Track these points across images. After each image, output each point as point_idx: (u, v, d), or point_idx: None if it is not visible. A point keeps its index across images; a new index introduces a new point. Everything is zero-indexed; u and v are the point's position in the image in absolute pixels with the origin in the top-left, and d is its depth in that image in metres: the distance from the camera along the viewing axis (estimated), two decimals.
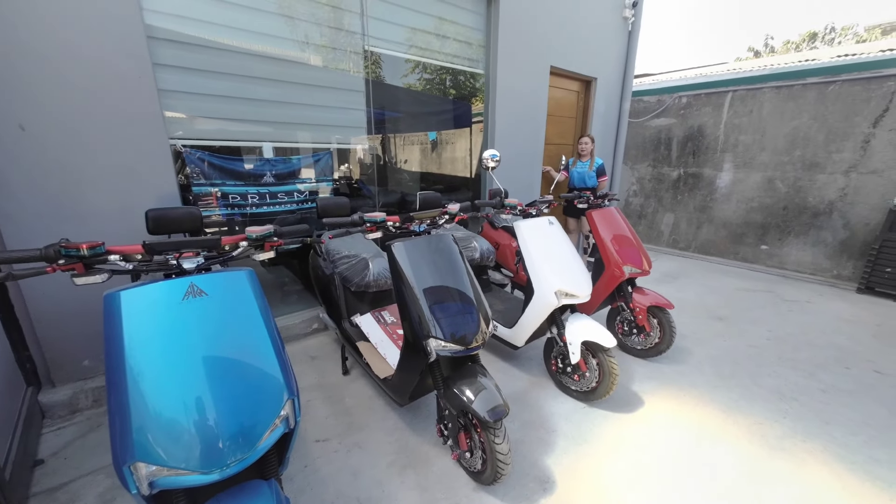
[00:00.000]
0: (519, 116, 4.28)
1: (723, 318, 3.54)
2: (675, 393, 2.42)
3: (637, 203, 6.42)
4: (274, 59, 2.79)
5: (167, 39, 2.32)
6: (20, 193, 1.92)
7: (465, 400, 1.55)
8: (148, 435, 0.93)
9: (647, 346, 2.71)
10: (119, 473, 0.93)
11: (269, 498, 1.06)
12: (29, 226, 1.95)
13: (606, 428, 2.10)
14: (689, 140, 5.65)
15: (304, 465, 1.83)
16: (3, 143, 1.85)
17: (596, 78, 5.09)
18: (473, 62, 4.01)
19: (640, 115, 6.10)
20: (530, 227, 2.29)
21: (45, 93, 1.92)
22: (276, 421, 1.09)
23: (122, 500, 1.62)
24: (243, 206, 2.87)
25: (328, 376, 2.55)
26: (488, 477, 1.62)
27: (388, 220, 1.72)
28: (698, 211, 5.71)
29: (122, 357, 0.96)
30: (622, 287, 2.69)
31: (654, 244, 6.21)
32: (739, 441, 2.02)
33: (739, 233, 5.32)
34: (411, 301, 1.60)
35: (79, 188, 2.07)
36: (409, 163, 4.99)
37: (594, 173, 4.18)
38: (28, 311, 2.03)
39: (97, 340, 2.19)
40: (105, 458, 1.83)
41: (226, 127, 2.72)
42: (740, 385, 2.51)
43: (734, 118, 5.19)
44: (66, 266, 1.01)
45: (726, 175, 5.36)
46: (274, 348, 1.15)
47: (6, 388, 1.80)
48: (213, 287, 1.10)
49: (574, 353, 2.14)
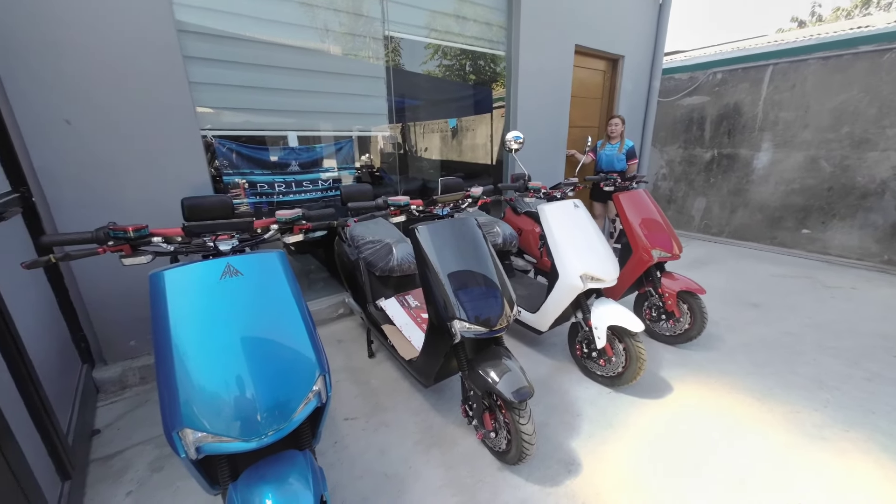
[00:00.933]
0: (542, 99, 4.17)
1: (757, 304, 3.39)
2: (706, 380, 2.35)
3: (666, 187, 6.18)
4: (297, 49, 2.82)
5: (196, 32, 2.39)
6: (68, 184, 2.05)
7: (489, 381, 1.57)
8: (193, 405, 0.99)
9: (677, 333, 2.64)
10: (169, 439, 1.00)
11: (305, 467, 1.12)
12: (76, 214, 2.08)
13: (633, 413, 2.07)
14: (724, 119, 5.35)
15: (334, 441, 1.91)
16: (51, 138, 1.97)
17: (623, 56, 4.88)
18: (495, 44, 3.92)
19: (670, 94, 5.81)
20: (555, 210, 2.25)
21: (87, 89, 2.02)
22: (309, 395, 1.14)
23: (170, 469, 1.74)
24: (270, 195, 2.95)
25: (354, 359, 2.63)
26: (513, 457, 1.64)
27: (412, 203, 1.74)
28: (732, 194, 5.43)
29: (168, 332, 1.02)
30: (650, 272, 2.62)
31: (683, 230, 5.98)
32: (774, 429, 1.95)
33: (777, 216, 5.04)
34: (435, 283, 1.61)
35: (118, 179, 2.18)
36: (429, 150, 4.98)
37: (624, 156, 4.02)
38: (81, 294, 2.18)
39: (141, 323, 2.34)
40: (153, 431, 1.97)
41: (252, 117, 2.80)
42: (776, 373, 2.41)
43: (774, 94, 4.87)
44: (115, 247, 1.08)
45: (764, 155, 5.06)
46: (305, 326, 1.20)
47: (65, 364, 1.95)
48: (248, 267, 1.15)
49: (600, 337, 2.11)
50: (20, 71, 1.87)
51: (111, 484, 1.67)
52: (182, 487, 1.64)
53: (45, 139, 1.96)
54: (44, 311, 1.87)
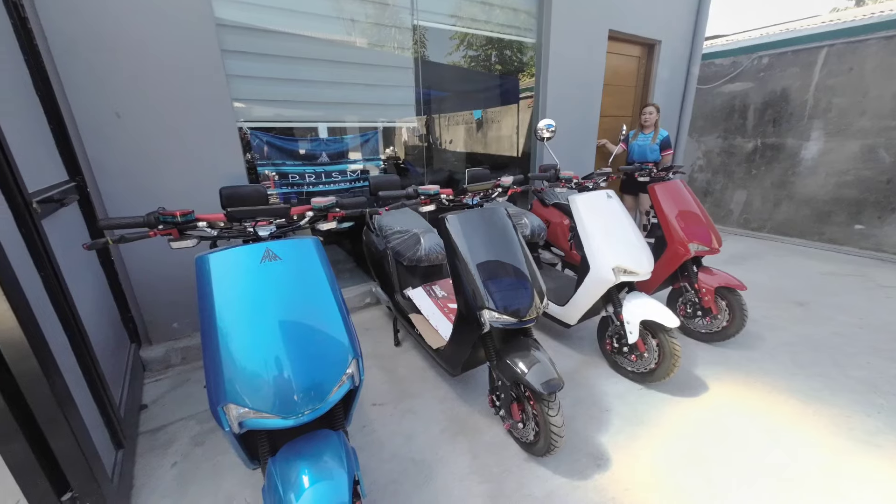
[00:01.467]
0: (572, 87, 4.05)
1: (802, 303, 3.19)
2: (744, 379, 2.24)
3: (703, 179, 5.89)
4: (327, 41, 2.86)
5: (232, 26, 2.46)
6: (117, 174, 2.18)
7: (518, 371, 1.56)
8: (236, 382, 1.04)
9: (713, 330, 2.53)
10: (214, 414, 1.05)
11: (339, 446, 1.15)
12: (123, 202, 2.21)
13: (665, 410, 2.01)
14: (769, 106, 5.02)
15: (362, 425, 1.95)
16: (103, 130, 2.10)
17: (660, 41, 4.66)
18: (524, 31, 3.83)
19: (709, 80, 5.51)
20: (586, 201, 2.19)
21: (134, 83, 2.13)
22: (343, 378, 1.17)
23: (211, 444, 1.84)
24: (300, 185, 3.03)
25: (381, 347, 2.68)
26: (541, 448, 1.63)
27: (442, 192, 1.73)
28: (776, 187, 5.11)
29: (214, 312, 1.07)
30: (686, 266, 2.51)
31: (721, 224, 5.69)
32: (820, 433, 1.84)
33: (826, 211, 4.71)
34: (464, 273, 1.61)
35: (161, 168, 2.29)
36: (454, 142, 4.96)
37: (657, 146, 3.86)
38: (129, 277, 2.32)
39: (182, 307, 2.47)
40: (195, 407, 2.08)
41: (283, 109, 2.87)
42: (823, 374, 2.27)
43: (828, 78, 4.52)
44: (164, 231, 1.14)
45: (814, 145, 4.72)
46: (339, 311, 1.22)
47: (117, 343, 2.09)
48: (286, 252, 1.19)
49: (632, 332, 2.05)
50: (77, 67, 1.98)
51: (158, 455, 1.78)
52: (222, 462, 1.73)
53: (98, 131, 2.09)
54: (98, 292, 2.00)
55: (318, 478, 1.06)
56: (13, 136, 1.29)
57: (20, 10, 1.73)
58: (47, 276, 1.34)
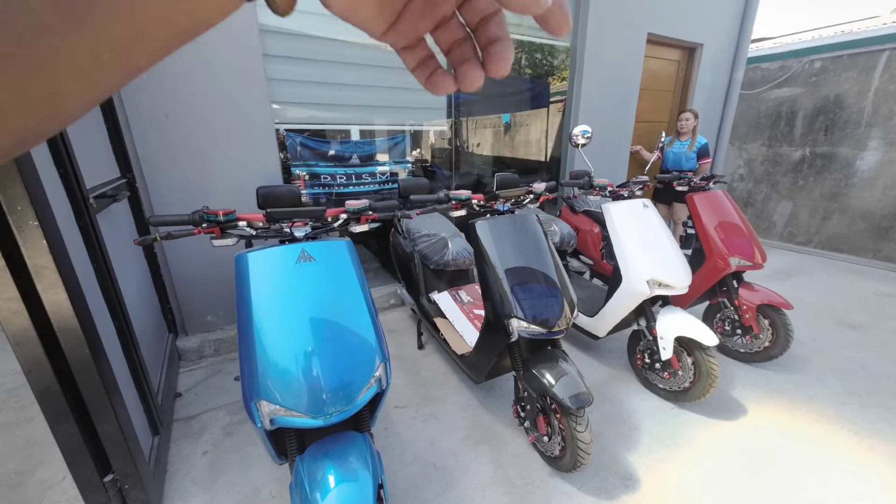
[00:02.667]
0: (607, 92, 3.94)
1: (856, 326, 2.96)
2: (788, 405, 2.10)
3: (743, 189, 5.59)
4: (362, 46, 2.91)
5: (274, 31, 2.55)
6: (164, 172, 2.30)
7: (545, 383, 1.52)
8: (269, 380, 1.07)
9: (754, 350, 2.38)
10: (248, 409, 1.08)
11: (364, 448, 1.16)
12: (169, 199, 2.33)
13: (699, 432, 1.91)
14: (821, 113, 4.71)
15: (384, 427, 1.96)
16: (153, 130, 2.22)
17: (702, 44, 4.46)
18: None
19: (754, 85, 5.23)
20: (621, 209, 2.12)
21: (182, 86, 2.24)
22: (371, 380, 1.17)
23: (240, 436, 1.90)
24: (331, 186, 3.10)
25: (404, 349, 2.69)
26: (566, 464, 1.58)
27: (473, 198, 1.72)
28: (826, 199, 4.79)
29: (251, 309, 1.10)
30: (726, 281, 2.38)
31: (762, 237, 5.38)
32: (876, 469, 1.70)
33: (885, 226, 4.36)
34: (493, 280, 1.59)
35: (204, 168, 2.40)
36: (481, 146, 4.94)
37: (694, 154, 3.69)
38: (170, 271, 2.44)
39: (217, 300, 2.57)
40: (226, 398, 2.16)
41: (318, 112, 2.93)
42: (879, 405, 2.09)
43: (890, 83, 4.19)
44: (208, 229, 1.19)
45: (871, 155, 4.39)
46: (370, 314, 1.23)
47: (157, 333, 2.20)
48: (320, 253, 1.21)
49: (665, 348, 1.96)
50: None
51: (191, 442, 1.86)
52: (250, 453, 1.78)
53: (148, 131, 2.21)
54: (142, 284, 2.11)
55: (343, 478, 1.07)
56: (75, 134, 1.39)
57: None
58: (99, 267, 1.42)
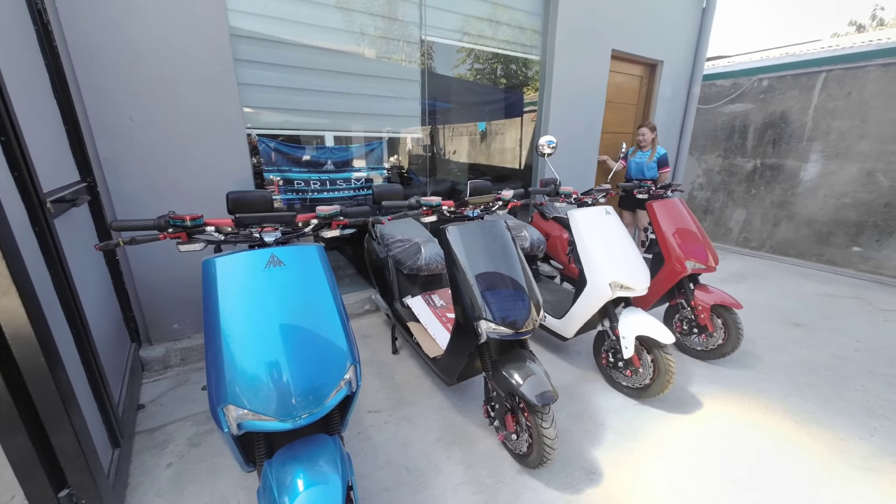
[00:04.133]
0: (575, 104, 4.12)
1: (801, 324, 3.20)
2: (739, 398, 2.25)
3: (703, 197, 5.94)
4: (337, 52, 2.94)
5: (246, 36, 2.54)
6: (128, 175, 2.23)
7: (513, 383, 1.57)
8: (237, 384, 1.06)
9: (709, 348, 2.54)
10: (214, 414, 1.07)
11: (334, 450, 1.17)
12: (133, 203, 2.26)
13: (658, 426, 2.02)
14: (769, 128, 5.09)
15: (357, 431, 1.96)
16: (117, 133, 2.15)
17: (662, 61, 4.75)
18: (528, 48, 3.92)
19: (710, 100, 5.59)
20: (585, 216, 2.23)
21: (149, 88, 2.20)
22: (341, 383, 1.19)
23: (207, 446, 1.85)
24: (305, 192, 3.08)
25: (379, 354, 2.69)
26: (533, 460, 1.64)
27: (444, 204, 1.77)
28: (776, 207, 5.16)
29: (218, 315, 1.10)
30: (683, 283, 2.53)
31: (720, 242, 5.72)
32: (815, 455, 1.85)
33: (826, 232, 4.74)
34: (463, 283, 1.64)
35: (172, 172, 2.34)
36: (457, 153, 5.02)
37: (654, 164, 3.92)
38: (133, 277, 2.36)
39: (184, 307, 2.50)
40: (192, 408, 2.10)
41: (291, 117, 2.93)
42: (819, 396, 2.28)
43: (827, 102, 4.59)
44: (174, 234, 1.18)
45: (813, 167, 4.77)
46: (340, 317, 1.25)
47: (118, 342, 2.12)
48: (290, 258, 1.22)
49: (627, 347, 2.07)
50: (95, 71, 2.05)
51: (154, 455, 1.79)
52: (218, 463, 1.74)
53: (112, 134, 2.14)
54: (103, 291, 2.03)
55: (312, 482, 1.07)
56: (32, 136, 1.34)
57: (43, 16, 1.80)
58: (56, 274, 1.37)
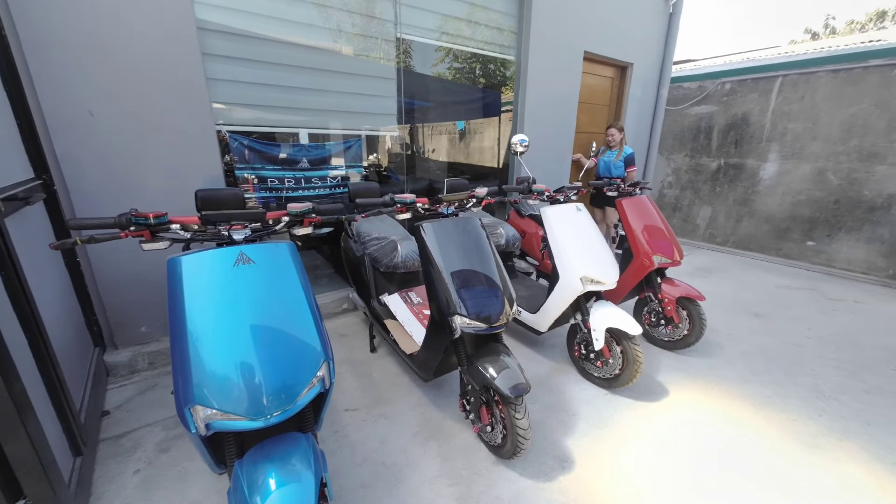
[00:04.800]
0: (549, 104, 4.21)
1: (760, 314, 3.40)
2: (703, 385, 2.37)
3: (672, 195, 6.18)
4: (310, 48, 2.90)
5: (214, 30, 2.47)
6: (89, 173, 2.13)
7: (487, 376, 1.61)
8: (204, 385, 1.05)
9: (675, 338, 2.66)
10: (181, 415, 1.05)
11: (307, 448, 1.17)
12: (95, 202, 2.16)
13: (628, 415, 2.10)
14: (732, 129, 5.35)
15: (335, 430, 1.96)
16: (76, 128, 2.06)
17: (632, 63, 4.91)
18: (505, 49, 3.97)
19: (678, 102, 5.83)
20: (557, 213, 2.29)
21: (110, 82, 2.11)
22: (314, 380, 1.19)
23: (177, 451, 1.80)
24: (280, 190, 3.03)
25: (357, 353, 2.68)
26: (508, 451, 1.68)
27: (418, 201, 1.79)
28: (739, 204, 5.43)
29: (184, 315, 1.08)
30: (651, 277, 2.64)
31: (688, 238, 5.98)
32: (769, 436, 1.97)
33: (783, 227, 5.03)
34: (438, 279, 1.66)
35: (136, 169, 2.26)
36: (436, 152, 5.04)
37: (621, 163, 4.07)
38: (95, 278, 2.26)
39: (152, 309, 2.41)
40: (161, 413, 2.03)
41: (265, 114, 2.87)
42: (775, 382, 2.42)
43: (783, 105, 4.87)
44: (136, 232, 1.14)
45: (771, 166, 5.05)
46: (312, 315, 1.25)
47: (79, 347, 2.03)
48: (260, 256, 1.21)
49: (598, 339, 2.14)
50: (49, 64, 1.95)
51: (120, 462, 1.73)
52: (189, 468, 1.70)
53: (70, 129, 2.04)
54: (62, 294, 1.94)
55: (284, 480, 1.07)
56: None
57: None
58: (8, 275, 1.31)
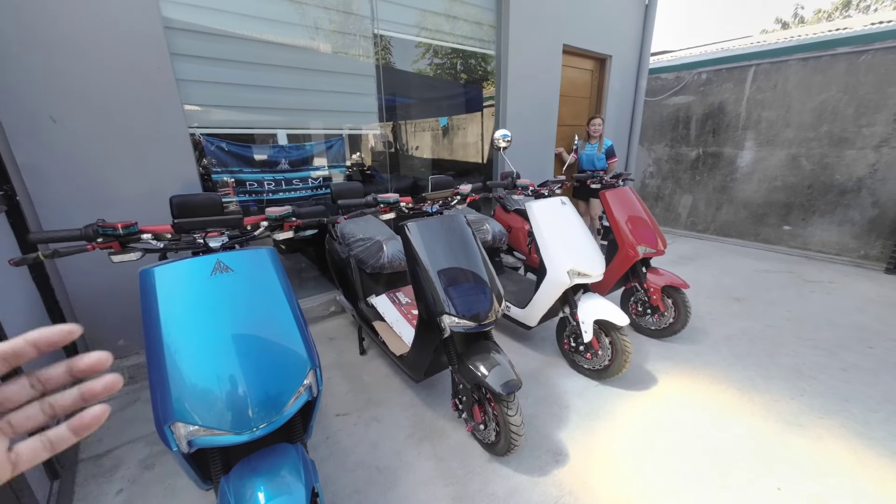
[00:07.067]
0: (531, 97, 4.21)
1: (740, 299, 3.48)
2: (690, 372, 2.42)
3: (654, 185, 6.28)
4: (286, 46, 2.82)
5: (183, 29, 2.37)
6: (54, 181, 2.03)
7: (479, 374, 1.60)
8: (185, 400, 1.00)
9: (662, 327, 2.71)
10: (161, 433, 1.01)
11: (296, 459, 1.14)
12: (62, 211, 2.07)
13: (619, 405, 2.13)
14: (709, 118, 5.46)
15: (326, 436, 1.92)
16: (37, 135, 1.95)
17: (611, 56, 4.95)
18: (484, 43, 3.95)
19: (657, 93, 5.91)
20: (542, 208, 2.29)
21: (73, 86, 2.00)
22: (300, 389, 1.16)
23: (162, 467, 1.74)
24: (260, 193, 2.95)
25: (346, 356, 2.65)
26: (502, 448, 1.68)
27: (401, 200, 1.76)
28: (718, 192, 5.55)
29: (159, 328, 1.03)
30: (636, 268, 2.68)
31: (671, 227, 6.10)
32: (754, 417, 2.02)
33: (761, 213, 5.17)
34: (425, 279, 1.64)
35: (105, 176, 2.16)
36: (420, 149, 4.99)
37: (603, 155, 4.11)
38: (67, 293, 2.16)
39: (130, 322, 2.33)
40: (144, 429, 1.96)
41: (241, 115, 2.78)
42: (757, 364, 2.49)
43: (757, 94, 4.99)
44: (104, 244, 1.09)
45: (748, 154, 5.18)
46: (296, 322, 1.21)
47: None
48: (238, 263, 1.17)
49: (586, 331, 2.16)
50: (6, 68, 1.84)
51: (101, 482, 1.66)
52: (174, 485, 1.64)
53: (31, 136, 1.94)
54: (30, 310, 1.84)
55: (274, 493, 1.04)
56: None
57: None
58: None
